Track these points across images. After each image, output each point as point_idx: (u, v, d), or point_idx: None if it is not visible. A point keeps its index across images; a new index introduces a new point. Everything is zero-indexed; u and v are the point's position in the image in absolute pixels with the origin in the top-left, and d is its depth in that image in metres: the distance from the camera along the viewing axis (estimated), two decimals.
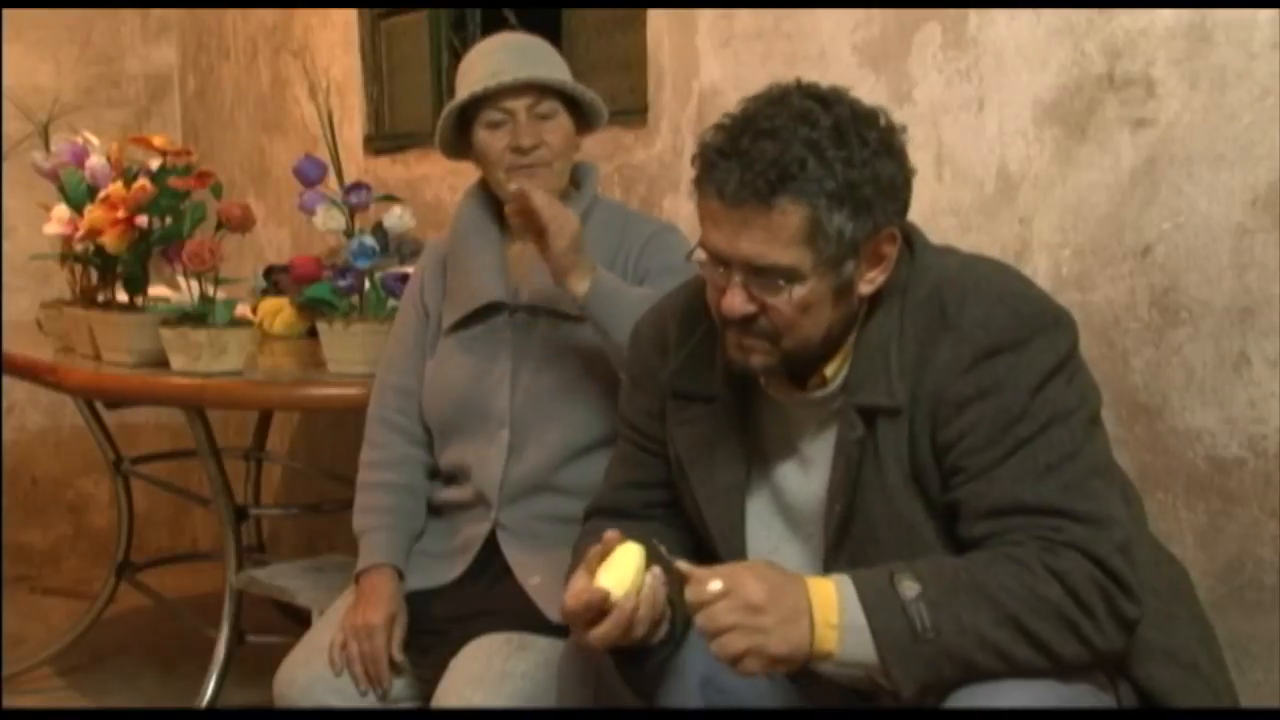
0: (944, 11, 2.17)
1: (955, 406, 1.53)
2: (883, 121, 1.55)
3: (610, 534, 1.55)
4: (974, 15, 2.12)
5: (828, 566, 1.60)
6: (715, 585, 1.46)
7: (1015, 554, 1.47)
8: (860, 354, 1.60)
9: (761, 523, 1.70)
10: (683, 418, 1.72)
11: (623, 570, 1.53)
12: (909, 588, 1.46)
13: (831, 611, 1.46)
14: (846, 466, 1.58)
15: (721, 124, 1.56)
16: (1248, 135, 1.80)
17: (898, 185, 1.55)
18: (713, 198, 1.53)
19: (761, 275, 1.53)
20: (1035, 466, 1.50)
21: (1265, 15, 1.77)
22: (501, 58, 2.17)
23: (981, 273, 1.61)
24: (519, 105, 2.14)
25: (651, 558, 1.56)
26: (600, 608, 1.51)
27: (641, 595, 1.53)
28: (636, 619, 1.53)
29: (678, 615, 1.60)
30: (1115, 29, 1.94)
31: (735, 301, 1.55)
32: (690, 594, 1.48)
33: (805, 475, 1.66)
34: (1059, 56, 2.01)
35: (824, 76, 1.60)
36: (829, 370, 1.62)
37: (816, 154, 1.49)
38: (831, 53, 2.36)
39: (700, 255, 1.58)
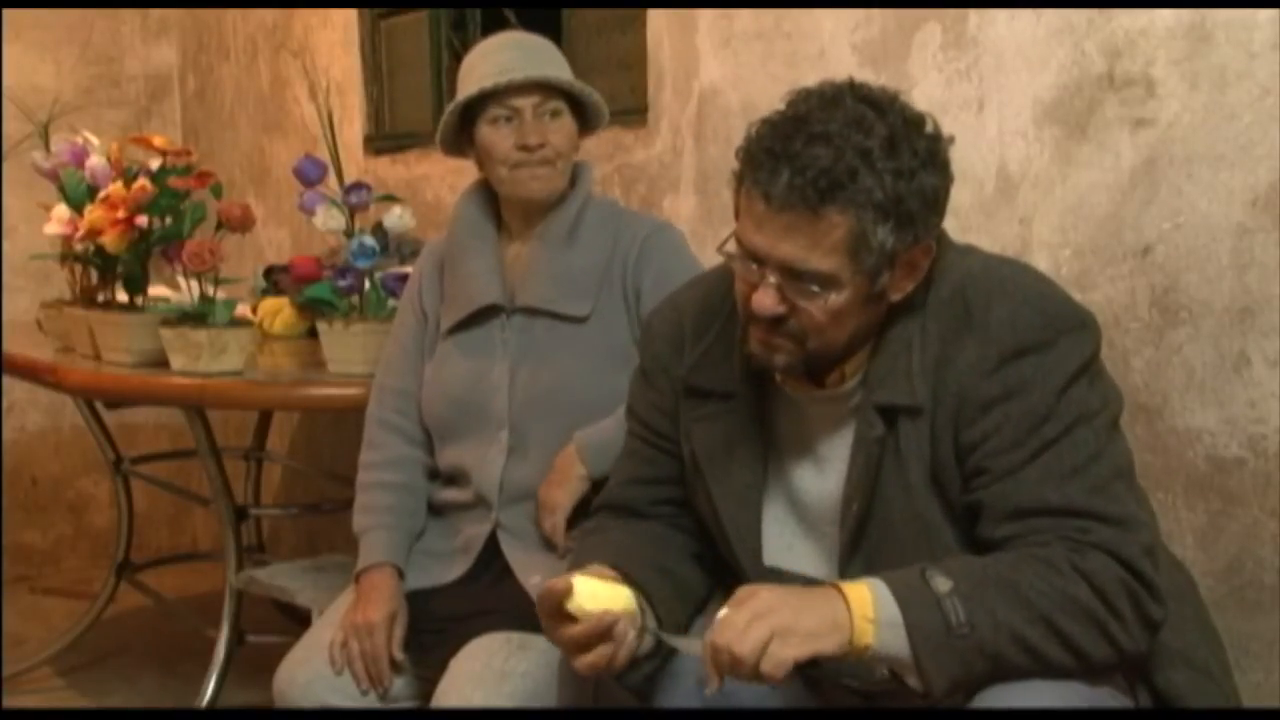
0: (944, 11, 2.17)
1: (980, 407, 1.52)
2: (929, 128, 1.53)
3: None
4: (974, 15, 2.12)
5: (843, 566, 1.60)
6: (722, 611, 1.44)
7: (1042, 554, 1.46)
8: (881, 352, 1.58)
9: (777, 522, 1.68)
10: (699, 415, 1.71)
11: (610, 596, 1.53)
12: (942, 583, 1.44)
13: (867, 606, 1.44)
14: (865, 465, 1.57)
15: (770, 120, 1.52)
16: (1248, 135, 1.80)
17: (940, 198, 1.54)
18: (757, 198, 1.50)
19: (798, 279, 1.51)
20: (1061, 468, 1.49)
21: (1265, 15, 1.77)
22: (509, 55, 2.16)
23: (1006, 273, 1.60)
24: (526, 104, 2.14)
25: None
26: (605, 634, 1.51)
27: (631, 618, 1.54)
28: (627, 643, 1.53)
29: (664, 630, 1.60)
30: (1115, 29, 1.94)
31: (767, 301, 1.53)
32: (708, 637, 1.45)
33: (820, 474, 1.65)
34: (1059, 56, 2.01)
35: (824, 77, 1.59)
36: (848, 367, 1.61)
37: (868, 164, 1.46)
38: (831, 53, 2.36)
39: (732, 248, 1.56)
